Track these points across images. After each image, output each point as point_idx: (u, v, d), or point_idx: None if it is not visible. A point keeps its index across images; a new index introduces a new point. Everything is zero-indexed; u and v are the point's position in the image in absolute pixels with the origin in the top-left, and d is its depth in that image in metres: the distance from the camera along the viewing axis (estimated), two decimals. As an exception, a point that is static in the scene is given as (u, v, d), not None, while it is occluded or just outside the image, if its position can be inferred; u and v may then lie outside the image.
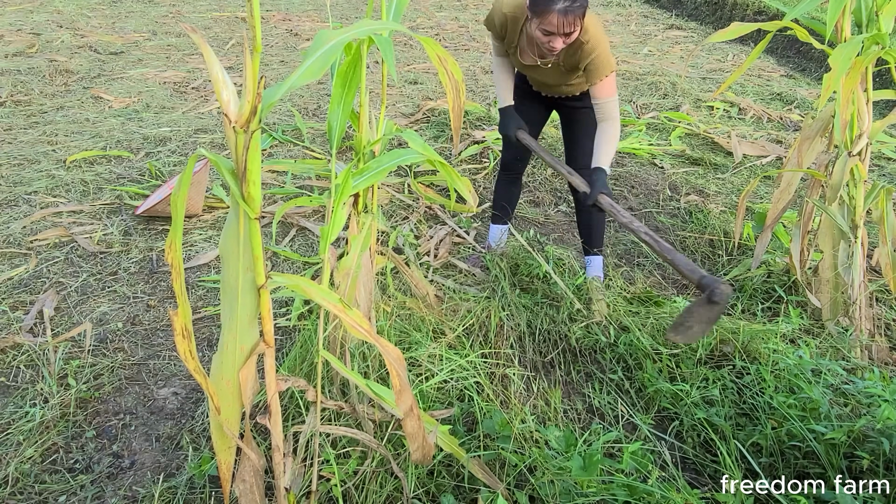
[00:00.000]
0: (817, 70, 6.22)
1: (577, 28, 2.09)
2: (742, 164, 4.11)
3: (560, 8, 2.01)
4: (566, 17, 2.02)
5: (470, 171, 3.87)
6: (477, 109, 4.71)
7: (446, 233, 3.14)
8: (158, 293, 2.67)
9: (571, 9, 2.02)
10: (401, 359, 1.37)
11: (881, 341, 2.35)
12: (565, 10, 2.01)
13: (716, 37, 2.34)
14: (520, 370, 2.18)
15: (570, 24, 2.05)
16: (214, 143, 4.08)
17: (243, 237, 1.18)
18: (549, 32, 2.08)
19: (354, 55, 1.41)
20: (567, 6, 2.01)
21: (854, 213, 2.34)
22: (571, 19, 2.04)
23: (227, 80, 1.05)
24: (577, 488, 1.61)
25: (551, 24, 2.05)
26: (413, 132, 1.58)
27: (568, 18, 2.03)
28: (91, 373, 2.20)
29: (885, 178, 3.96)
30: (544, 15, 2.04)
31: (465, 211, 3.37)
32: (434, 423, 1.69)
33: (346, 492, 1.67)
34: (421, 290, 2.32)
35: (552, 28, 2.06)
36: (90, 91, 4.92)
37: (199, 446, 1.92)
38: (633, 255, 3.08)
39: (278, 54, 6.21)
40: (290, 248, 3.02)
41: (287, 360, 2.12)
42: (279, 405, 1.36)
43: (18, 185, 3.45)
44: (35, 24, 6.84)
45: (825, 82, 1.99)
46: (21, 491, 1.77)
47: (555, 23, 2.04)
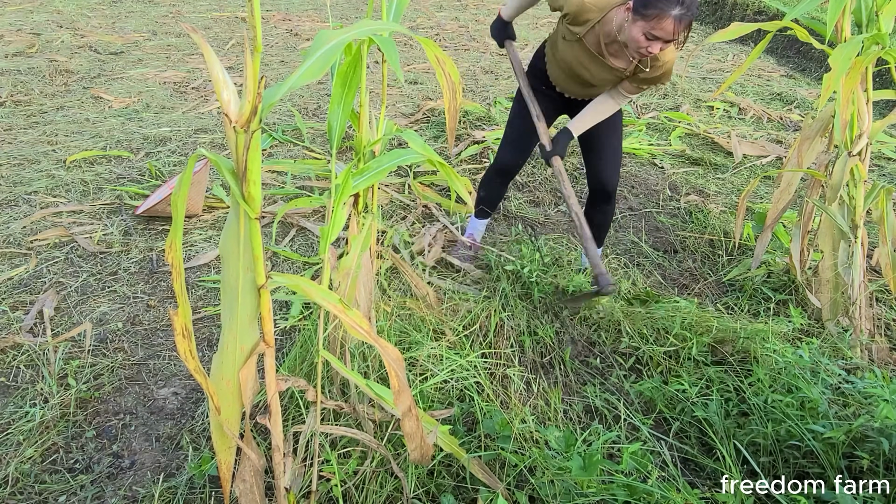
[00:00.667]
0: (817, 70, 6.22)
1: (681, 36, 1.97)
2: (742, 164, 4.11)
3: (677, 14, 1.88)
4: (680, 24, 1.91)
5: (469, 172, 3.87)
6: (477, 109, 4.71)
7: (437, 229, 3.12)
8: (158, 293, 2.67)
9: (687, 15, 1.90)
10: (400, 359, 1.37)
11: (881, 341, 2.35)
12: (681, 16, 1.89)
13: (716, 37, 2.34)
14: (520, 370, 2.18)
15: (680, 31, 1.93)
16: (214, 143, 4.08)
17: (243, 237, 1.18)
18: (656, 37, 1.95)
19: (355, 55, 1.41)
20: (683, 13, 1.89)
21: (854, 213, 2.34)
22: (683, 26, 1.92)
23: (227, 80, 1.05)
24: (577, 488, 1.61)
25: (663, 30, 1.92)
26: (413, 132, 1.58)
27: (681, 25, 1.91)
28: (91, 373, 2.20)
29: (885, 178, 3.96)
30: (658, 19, 1.90)
31: (467, 213, 3.36)
32: (434, 423, 1.69)
33: (346, 492, 1.67)
34: (421, 291, 2.32)
35: (663, 34, 1.93)
36: (90, 91, 4.92)
37: (199, 446, 1.92)
38: (633, 254, 3.08)
39: (278, 54, 6.21)
40: (290, 248, 3.02)
41: (287, 360, 2.12)
42: (279, 405, 1.36)
43: (18, 185, 3.45)
44: (35, 24, 6.84)
45: (825, 82, 1.99)
46: (21, 491, 1.77)
47: (669, 29, 1.91)
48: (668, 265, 2.99)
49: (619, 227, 3.33)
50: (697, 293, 2.78)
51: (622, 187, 3.74)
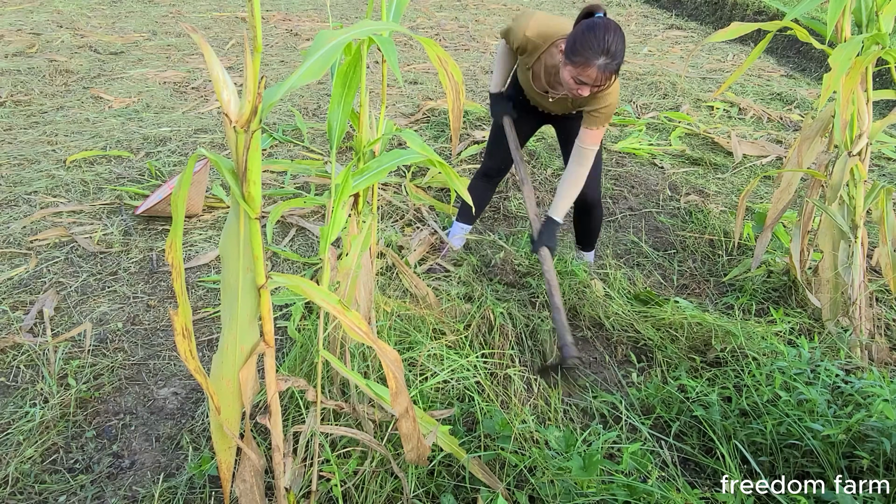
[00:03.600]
0: (817, 70, 6.22)
1: (609, 83, 2.10)
2: (742, 164, 4.11)
3: (601, 64, 2.00)
4: (604, 73, 2.02)
5: (469, 172, 3.87)
6: (477, 109, 4.71)
7: (427, 234, 3.13)
8: (158, 293, 2.67)
9: (611, 66, 2.01)
10: (398, 361, 1.37)
11: (881, 341, 2.35)
12: (605, 66, 2.00)
13: (716, 37, 2.34)
14: (520, 370, 2.18)
15: (605, 78, 2.05)
16: (214, 143, 4.08)
17: (243, 237, 1.18)
18: (583, 83, 2.07)
19: (354, 55, 1.41)
20: (607, 63, 2.00)
21: (854, 213, 2.34)
22: (608, 75, 2.04)
23: (227, 80, 1.05)
24: (577, 488, 1.61)
25: (589, 77, 2.04)
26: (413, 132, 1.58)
27: (605, 74, 2.03)
28: (91, 373, 2.20)
29: (885, 178, 3.96)
30: (583, 67, 2.02)
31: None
32: (434, 423, 1.69)
33: (346, 492, 1.67)
34: (420, 291, 2.32)
35: (588, 80, 2.05)
36: (90, 91, 4.92)
37: (199, 446, 1.92)
38: (633, 255, 3.08)
39: (278, 54, 6.21)
40: (290, 248, 3.02)
41: (287, 360, 2.12)
42: (279, 405, 1.36)
43: (18, 185, 3.45)
44: (35, 24, 6.84)
45: (825, 82, 1.99)
46: (21, 491, 1.77)
47: (594, 76, 2.03)
48: (668, 265, 2.99)
49: (619, 227, 3.33)
50: (697, 293, 2.78)
51: (622, 187, 3.74)
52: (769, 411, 1.84)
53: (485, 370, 2.12)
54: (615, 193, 3.67)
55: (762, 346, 2.16)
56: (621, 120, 4.68)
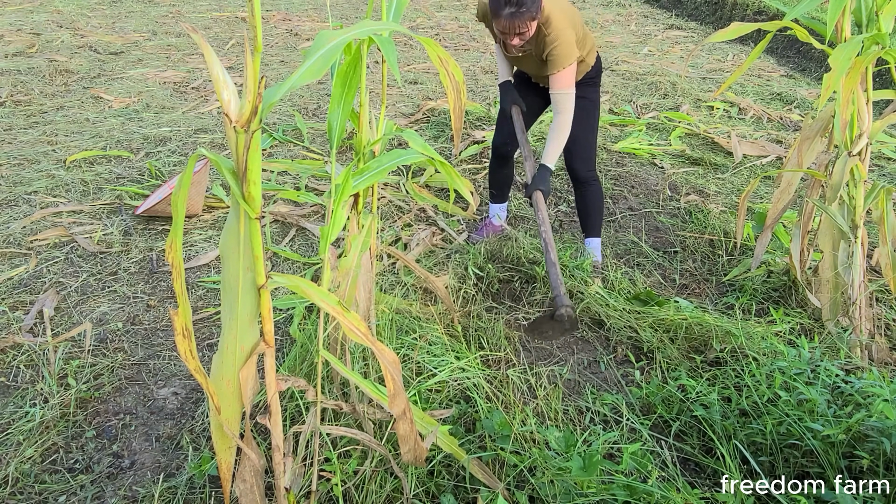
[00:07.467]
0: (817, 70, 6.22)
1: (527, 29, 2.28)
2: (742, 164, 4.11)
3: (506, 13, 2.22)
4: (512, 22, 2.23)
5: (470, 172, 3.87)
6: (477, 109, 4.71)
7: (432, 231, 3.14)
8: (158, 293, 2.67)
9: (517, 14, 2.21)
10: (396, 363, 1.37)
11: (881, 341, 2.35)
12: (511, 15, 2.22)
13: (716, 37, 2.33)
14: (520, 370, 2.18)
15: (518, 26, 2.24)
16: (214, 143, 4.08)
17: (243, 237, 1.18)
18: (505, 33, 2.29)
19: (354, 55, 1.41)
20: (513, 12, 2.21)
21: (854, 213, 2.34)
22: (518, 23, 2.23)
23: (227, 80, 1.05)
24: (576, 488, 1.61)
25: (504, 27, 2.27)
26: (413, 132, 1.58)
27: (514, 23, 2.23)
28: (91, 373, 2.20)
29: (885, 178, 3.96)
30: (497, 20, 2.27)
31: (467, 216, 3.35)
32: (434, 423, 1.69)
33: (346, 492, 1.67)
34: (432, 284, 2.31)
35: (503, 29, 2.28)
36: (90, 91, 4.92)
37: (199, 446, 1.92)
38: (633, 255, 3.08)
39: (278, 54, 6.21)
40: (290, 248, 3.02)
41: (287, 360, 2.12)
42: (279, 405, 1.36)
43: (18, 185, 3.45)
44: (35, 24, 6.84)
45: (825, 82, 1.99)
46: (21, 491, 1.77)
47: (507, 26, 2.25)
48: (668, 265, 2.99)
49: (619, 227, 3.33)
50: (697, 293, 2.78)
51: (622, 187, 3.74)
52: (769, 411, 1.84)
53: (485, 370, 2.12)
54: (615, 193, 3.67)
55: (762, 346, 2.16)
56: (621, 120, 4.68)
